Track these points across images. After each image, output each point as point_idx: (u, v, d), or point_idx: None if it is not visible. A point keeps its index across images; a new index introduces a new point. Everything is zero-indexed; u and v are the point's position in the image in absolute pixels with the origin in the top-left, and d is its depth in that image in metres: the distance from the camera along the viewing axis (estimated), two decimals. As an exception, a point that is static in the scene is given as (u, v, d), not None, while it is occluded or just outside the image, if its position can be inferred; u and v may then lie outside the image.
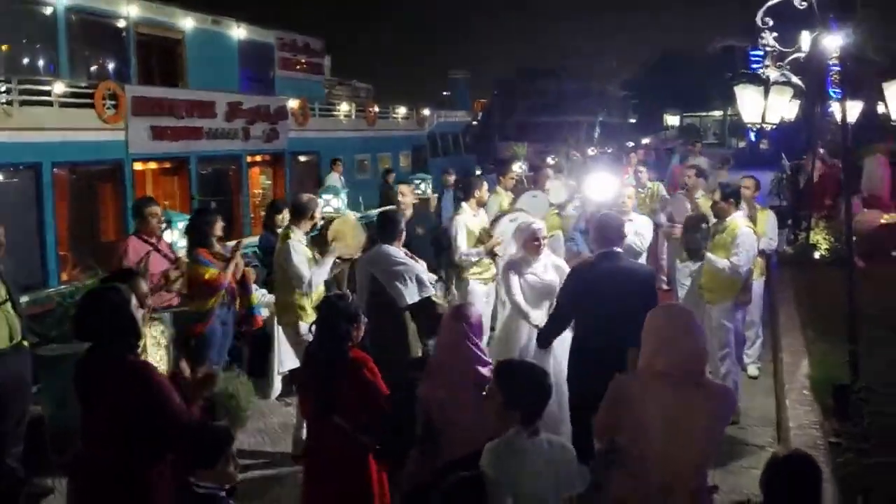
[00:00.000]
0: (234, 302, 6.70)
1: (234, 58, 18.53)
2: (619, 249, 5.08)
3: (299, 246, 6.08)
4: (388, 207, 11.70)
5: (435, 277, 6.08)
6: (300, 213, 6.24)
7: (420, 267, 5.56)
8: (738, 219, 6.48)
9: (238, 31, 18.64)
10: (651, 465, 3.26)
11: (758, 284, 7.46)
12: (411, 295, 5.30)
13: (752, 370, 7.63)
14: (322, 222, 6.93)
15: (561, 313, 5.20)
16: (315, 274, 6.01)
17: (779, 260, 10.18)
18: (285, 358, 7.08)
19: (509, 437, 3.19)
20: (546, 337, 5.27)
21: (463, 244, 7.32)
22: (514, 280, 5.86)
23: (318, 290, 6.15)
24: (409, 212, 7.75)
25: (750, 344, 7.68)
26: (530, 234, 5.95)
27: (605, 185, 7.77)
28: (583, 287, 4.98)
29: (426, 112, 29.65)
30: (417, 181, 15.08)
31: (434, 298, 5.46)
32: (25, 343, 5.53)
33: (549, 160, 18.27)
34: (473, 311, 4.25)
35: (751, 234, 6.42)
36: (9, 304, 5.44)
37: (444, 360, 4.09)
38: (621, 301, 4.66)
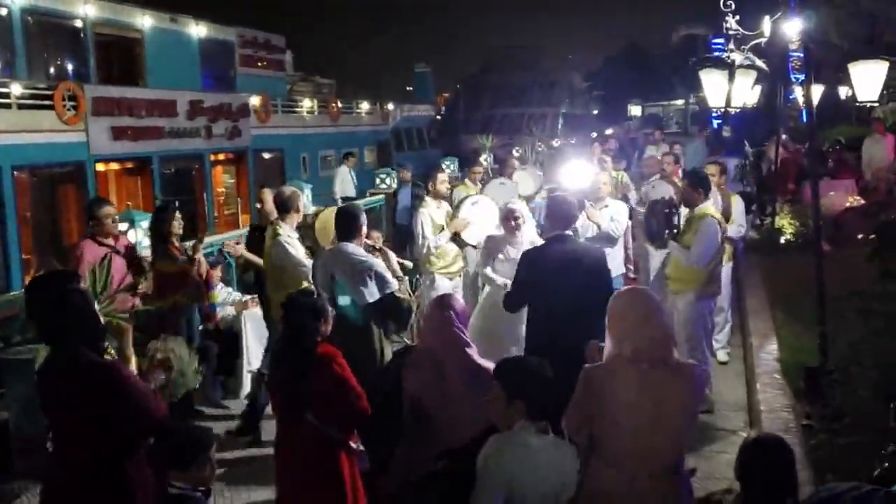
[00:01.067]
0: (199, 298, 6.59)
1: (195, 56, 18.29)
2: (569, 232, 5.14)
3: (293, 240, 5.96)
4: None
5: (400, 273, 5.99)
6: (286, 207, 6.10)
7: (381, 263, 5.45)
8: (707, 207, 6.44)
9: (198, 29, 18.39)
10: (628, 452, 3.23)
11: (726, 270, 7.44)
12: (371, 293, 5.20)
13: (722, 355, 7.68)
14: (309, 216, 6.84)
15: (517, 289, 5.21)
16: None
17: (745, 245, 10.28)
18: (253, 356, 7.01)
19: (514, 430, 3.12)
20: (511, 302, 5.27)
21: (430, 234, 7.26)
22: (488, 256, 6.00)
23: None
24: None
25: (719, 329, 7.71)
26: (506, 213, 6.08)
27: (579, 173, 7.78)
28: (534, 270, 4.99)
29: (390, 107, 29.55)
30: (382, 175, 15.02)
31: (397, 293, 5.36)
32: None
33: (515, 152, 18.28)
34: (458, 300, 4.26)
35: (714, 223, 6.32)
36: None
37: (431, 347, 4.06)
38: (573, 283, 4.73)
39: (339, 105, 25.24)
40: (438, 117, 45.43)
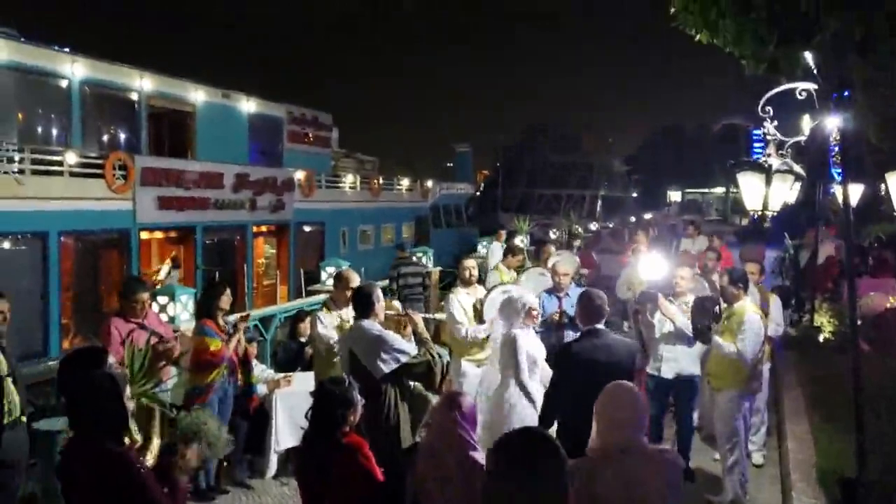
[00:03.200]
0: (234, 376, 6.64)
1: (244, 130, 18.87)
2: (601, 326, 5.22)
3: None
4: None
5: (425, 334, 5.90)
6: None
7: (394, 335, 5.49)
8: (746, 304, 6.45)
9: (248, 105, 19.03)
10: None
11: (764, 370, 7.37)
12: (388, 365, 5.25)
13: (757, 458, 7.49)
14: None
15: (556, 393, 5.19)
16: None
17: (783, 342, 10.11)
18: (282, 436, 7.00)
19: None
20: (546, 416, 5.23)
21: (464, 321, 7.27)
22: (522, 354, 5.90)
23: None
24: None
25: (755, 430, 7.54)
26: (528, 306, 6.04)
27: (656, 265, 7.73)
28: (573, 364, 5.06)
29: (429, 184, 30.00)
30: (419, 254, 15.13)
31: (412, 359, 5.37)
32: (23, 419, 5.49)
33: (552, 233, 18.36)
34: (466, 400, 4.19)
35: (758, 319, 6.37)
36: (9, 380, 5.41)
37: (436, 445, 4.04)
38: (607, 376, 4.72)
39: (381, 181, 25.70)
40: (477, 194, 45.89)
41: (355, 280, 6.66)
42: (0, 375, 5.38)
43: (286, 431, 6.97)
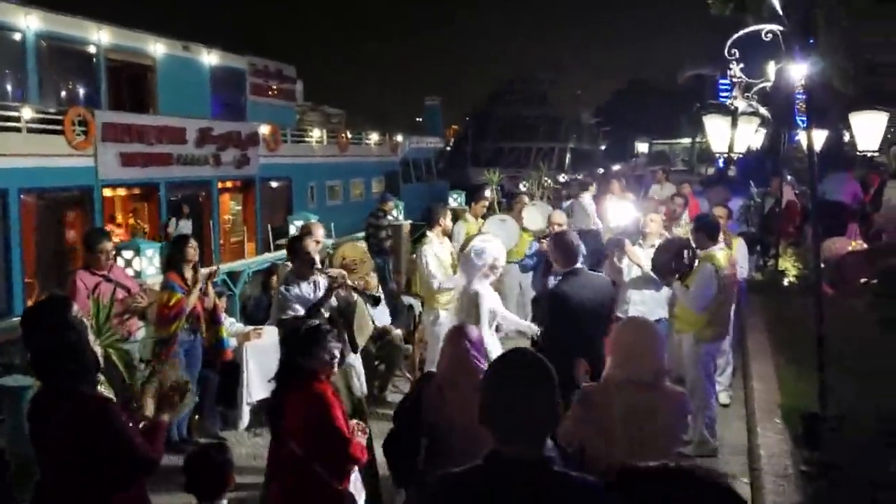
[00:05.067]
0: (199, 329, 6.60)
1: (206, 84, 18.49)
2: (580, 266, 5.39)
3: None
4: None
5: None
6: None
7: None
8: (712, 251, 6.47)
9: (209, 58, 18.61)
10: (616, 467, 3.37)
11: (730, 313, 7.45)
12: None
13: (724, 398, 7.64)
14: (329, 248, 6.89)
15: (557, 329, 5.31)
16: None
17: (748, 286, 10.27)
18: (254, 388, 7.00)
19: None
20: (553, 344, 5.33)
21: (438, 274, 7.27)
22: (484, 305, 5.93)
23: None
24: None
25: (721, 371, 7.69)
26: (495, 258, 6.05)
27: (623, 211, 7.77)
28: (565, 304, 5.23)
29: (399, 138, 29.74)
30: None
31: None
32: None
33: (522, 186, 18.34)
34: (473, 330, 4.37)
35: (707, 269, 6.36)
36: None
37: (450, 375, 4.13)
38: (592, 310, 5.18)
39: (348, 135, 25.42)
40: (447, 149, 45.64)
41: (319, 232, 6.63)
42: None
43: (257, 383, 6.96)
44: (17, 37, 13.44)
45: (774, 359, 8.21)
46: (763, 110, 6.08)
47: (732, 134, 6.02)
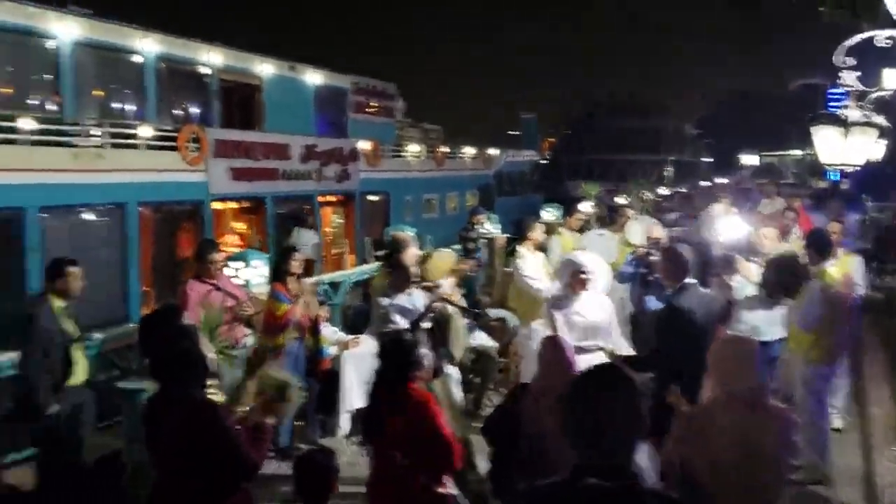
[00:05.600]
0: (302, 338, 6.78)
1: (310, 102, 19.07)
2: (691, 280, 5.27)
3: None
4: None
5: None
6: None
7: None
8: (824, 269, 6.19)
9: (314, 77, 19.19)
10: (724, 490, 3.33)
11: (845, 334, 7.06)
12: None
13: (838, 422, 7.25)
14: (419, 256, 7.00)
15: (660, 353, 5.20)
16: None
17: (863, 305, 9.75)
18: (352, 396, 7.12)
19: None
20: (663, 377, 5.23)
21: (538, 281, 7.17)
22: (558, 318, 5.81)
23: None
24: None
25: (834, 394, 7.29)
26: (574, 268, 5.89)
27: (734, 226, 7.56)
28: (673, 321, 5.16)
29: (493, 151, 29.78)
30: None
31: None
32: (88, 380, 5.83)
33: (621, 200, 18.06)
34: (566, 340, 4.40)
35: (814, 288, 6.06)
36: (78, 345, 5.68)
37: (546, 385, 4.14)
38: (703, 328, 5.01)
39: (445, 150, 25.66)
40: (543, 162, 45.37)
41: (408, 242, 6.73)
42: (70, 339, 5.63)
43: (356, 391, 7.09)
44: (138, 59, 14.23)
45: (892, 382, 7.76)
46: (879, 119, 5.77)
47: (844, 145, 5.73)
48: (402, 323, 5.76)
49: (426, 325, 5.76)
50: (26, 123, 11.02)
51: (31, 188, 10.84)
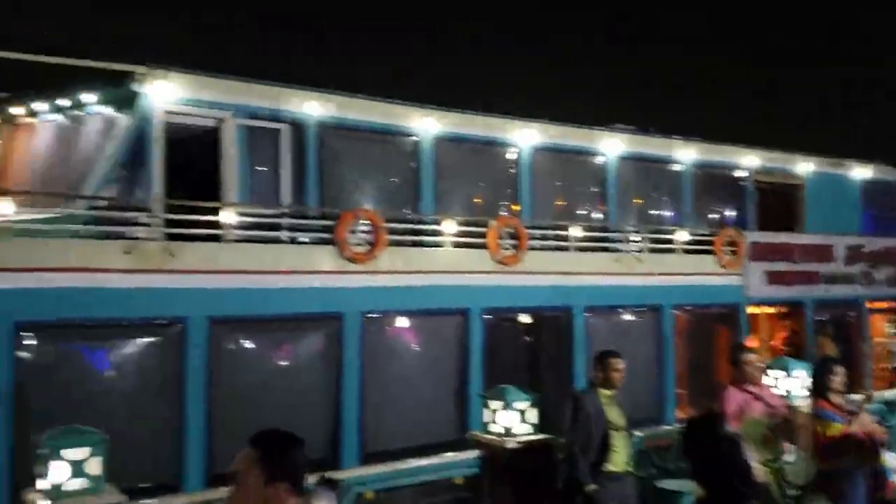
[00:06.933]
0: (871, 461, 6.01)
1: (856, 199, 17.65)
2: None
3: None
4: None
5: None
6: None
7: None
8: None
9: (861, 172, 17.75)
10: None
11: None
12: None
13: None
14: None
15: None
16: None
17: None
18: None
19: None
20: None
21: None
22: None
23: None
24: None
25: None
26: None
27: None
28: None
29: None
30: None
31: None
32: (631, 471, 5.97)
33: None
34: None
35: None
36: (623, 433, 5.93)
37: None
38: None
39: None
40: None
41: None
42: (617, 427, 5.91)
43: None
44: (675, 168, 14.90)
45: None
46: None
47: None
48: None
49: None
50: (575, 231, 12.31)
51: (579, 289, 12.00)
